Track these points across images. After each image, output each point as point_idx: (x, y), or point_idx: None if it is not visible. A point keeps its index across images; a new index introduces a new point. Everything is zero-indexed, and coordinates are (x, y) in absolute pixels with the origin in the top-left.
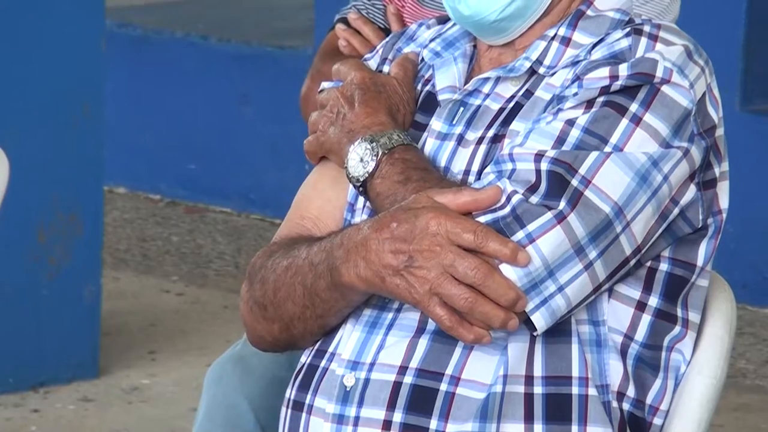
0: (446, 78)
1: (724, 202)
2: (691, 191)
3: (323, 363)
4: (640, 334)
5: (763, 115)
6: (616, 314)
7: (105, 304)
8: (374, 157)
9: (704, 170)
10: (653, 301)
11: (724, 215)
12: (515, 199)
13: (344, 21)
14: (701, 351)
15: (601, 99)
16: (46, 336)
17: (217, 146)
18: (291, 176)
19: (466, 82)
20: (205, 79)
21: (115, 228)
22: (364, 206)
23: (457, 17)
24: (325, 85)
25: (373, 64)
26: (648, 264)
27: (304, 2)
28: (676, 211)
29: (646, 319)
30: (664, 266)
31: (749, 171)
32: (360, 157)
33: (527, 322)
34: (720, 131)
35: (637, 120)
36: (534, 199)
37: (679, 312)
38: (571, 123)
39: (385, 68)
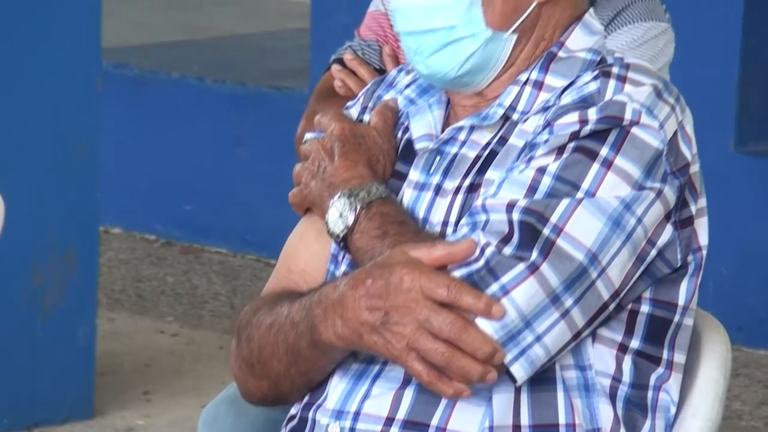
0: (422, 126)
1: (703, 238)
2: (668, 231)
3: (311, 414)
4: (626, 374)
5: (758, 156)
6: (602, 358)
7: (100, 344)
8: (353, 212)
9: (680, 209)
10: (635, 343)
11: (704, 252)
12: (488, 251)
13: (340, 62)
14: (696, 393)
15: (571, 144)
16: (41, 376)
17: (212, 187)
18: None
19: (443, 128)
20: (200, 119)
21: (110, 268)
22: (344, 257)
23: (420, 75)
24: (307, 135)
25: (354, 112)
26: (629, 306)
27: (300, 43)
28: (653, 252)
29: (628, 359)
30: (645, 308)
31: (744, 212)
32: (339, 213)
33: (508, 373)
34: (695, 168)
35: (607, 164)
36: (507, 250)
37: (664, 353)
38: (542, 171)
39: (366, 117)
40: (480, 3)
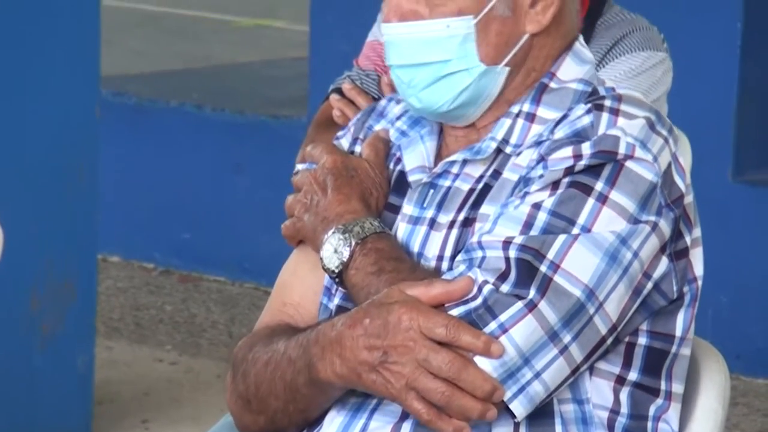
0: (415, 158)
1: (698, 269)
2: (664, 264)
3: None
4: (624, 406)
5: (756, 185)
6: (600, 391)
7: (98, 372)
8: (348, 248)
9: (675, 240)
10: (633, 375)
11: (700, 282)
12: (486, 289)
13: (339, 91)
14: (695, 423)
15: (566, 180)
16: (39, 404)
17: (211, 215)
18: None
19: (436, 159)
20: (199, 148)
21: (108, 296)
22: (337, 290)
23: (412, 109)
24: (299, 167)
25: (345, 143)
26: (626, 339)
27: (299, 72)
28: (649, 285)
29: (625, 391)
30: (642, 340)
31: (742, 241)
32: (334, 248)
33: (508, 409)
34: (688, 198)
35: (603, 199)
36: (505, 288)
37: (662, 384)
38: (537, 206)
39: (357, 148)
40: (474, 37)
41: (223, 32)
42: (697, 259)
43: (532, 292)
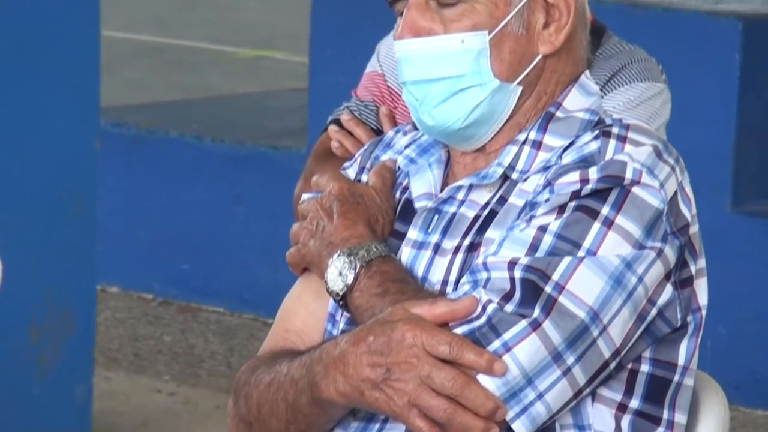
0: (422, 185)
1: (702, 299)
2: (668, 291)
3: None
4: None
5: (754, 216)
6: (601, 417)
7: (96, 403)
8: (353, 271)
9: (680, 269)
10: (634, 403)
11: (704, 312)
12: (490, 308)
13: (337, 122)
14: None
15: (572, 203)
16: None
17: (210, 246)
18: (284, 276)
19: (442, 187)
20: (198, 178)
21: (107, 327)
22: (341, 316)
23: (423, 128)
24: (304, 196)
25: (351, 173)
26: (629, 366)
27: (298, 103)
28: (653, 311)
29: (627, 418)
30: (645, 367)
31: (741, 272)
32: (339, 271)
33: (510, 430)
34: (694, 228)
35: (609, 223)
36: (509, 307)
37: (665, 413)
38: (543, 229)
39: (364, 177)
40: (488, 53)
41: (223, 63)
42: (701, 288)
43: (536, 312)
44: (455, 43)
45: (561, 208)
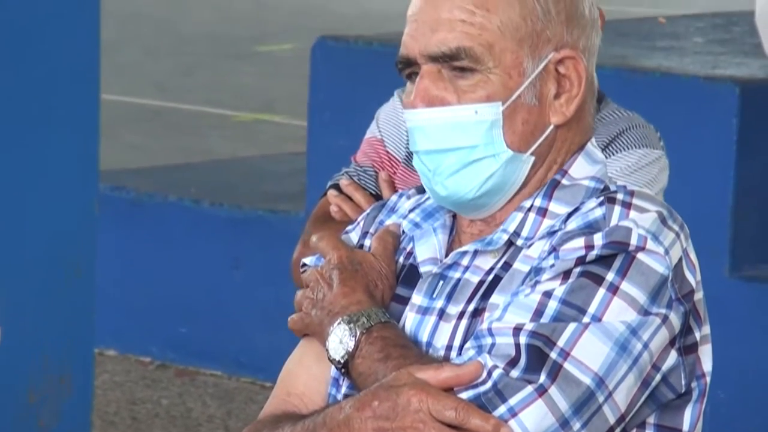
0: (427, 250)
1: (707, 365)
2: (673, 357)
3: None
4: None
5: (753, 281)
6: None
7: None
8: (353, 338)
9: (684, 335)
10: None
11: (708, 378)
12: (496, 373)
13: (336, 187)
14: None
15: (577, 269)
16: None
17: (208, 309)
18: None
19: (447, 252)
20: (197, 242)
21: (104, 390)
22: (344, 380)
23: (435, 198)
24: (306, 261)
25: (354, 237)
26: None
27: (296, 167)
28: (658, 377)
29: None
30: None
31: (740, 337)
32: (339, 339)
33: None
34: (699, 295)
35: (614, 289)
36: (514, 373)
37: None
38: (548, 295)
39: (367, 242)
40: (501, 123)
41: (222, 127)
42: (706, 355)
43: (542, 378)
44: (469, 113)
45: (566, 274)
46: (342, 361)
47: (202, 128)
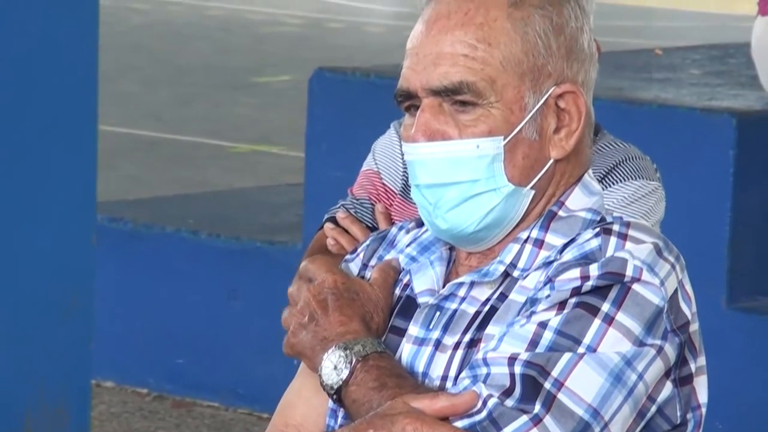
0: (424, 282)
1: (702, 396)
2: (668, 388)
3: None
4: None
5: (749, 313)
6: None
7: None
8: (348, 365)
9: (680, 366)
10: None
11: (704, 410)
12: (491, 402)
13: (333, 220)
14: None
15: (573, 300)
16: None
17: (205, 341)
18: (279, 371)
19: (444, 284)
20: (194, 273)
21: (101, 422)
22: (341, 410)
23: (435, 231)
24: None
25: (354, 267)
26: None
27: (293, 198)
28: (653, 408)
29: None
30: None
31: (736, 368)
32: (334, 365)
33: None
34: (694, 326)
35: (609, 320)
36: (509, 402)
37: None
38: (543, 325)
39: (367, 273)
40: (502, 158)
41: (220, 158)
42: (701, 386)
43: (537, 407)
44: (470, 148)
45: (561, 305)
46: (335, 387)
47: (200, 159)
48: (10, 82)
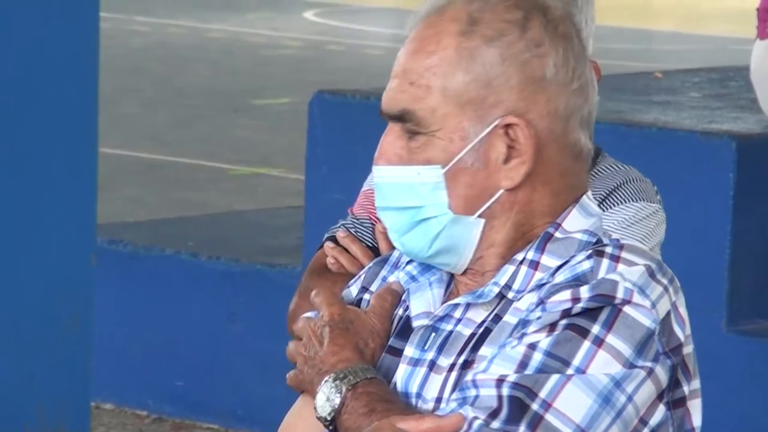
0: (421, 303)
1: (696, 419)
2: (660, 411)
3: None
4: None
5: (749, 336)
6: None
7: None
8: (339, 395)
9: (673, 389)
10: None
11: None
12: (476, 424)
13: (333, 239)
14: None
15: (563, 322)
16: None
17: (205, 363)
18: (279, 393)
19: (442, 305)
20: (194, 295)
21: None
22: None
23: (400, 251)
24: (307, 316)
25: (354, 290)
26: None
27: (293, 221)
28: (645, 431)
29: None
30: None
31: (736, 391)
32: (327, 397)
33: None
34: (688, 349)
35: (599, 342)
36: (495, 424)
37: None
38: (533, 347)
39: (366, 296)
40: (444, 185)
41: (220, 180)
42: (695, 409)
43: (522, 429)
44: (413, 174)
45: (551, 326)
46: (329, 419)
47: (200, 182)
48: (10, 104)
